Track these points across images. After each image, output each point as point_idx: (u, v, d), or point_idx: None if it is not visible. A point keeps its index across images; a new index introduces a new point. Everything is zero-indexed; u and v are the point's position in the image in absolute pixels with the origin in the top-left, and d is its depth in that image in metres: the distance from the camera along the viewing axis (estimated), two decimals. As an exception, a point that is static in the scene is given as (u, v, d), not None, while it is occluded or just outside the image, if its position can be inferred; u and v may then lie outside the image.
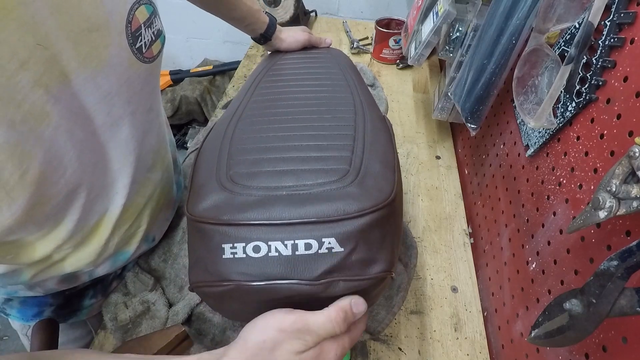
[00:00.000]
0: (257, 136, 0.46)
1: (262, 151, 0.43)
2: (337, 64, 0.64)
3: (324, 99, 0.53)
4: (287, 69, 0.64)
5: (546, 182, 0.51)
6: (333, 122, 0.47)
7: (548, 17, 0.45)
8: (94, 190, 0.44)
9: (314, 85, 0.57)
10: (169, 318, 0.56)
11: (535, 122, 0.45)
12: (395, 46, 1.12)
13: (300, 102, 0.52)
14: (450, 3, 0.71)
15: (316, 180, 0.39)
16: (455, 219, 0.76)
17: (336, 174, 0.39)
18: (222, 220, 0.36)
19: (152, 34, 0.44)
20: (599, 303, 0.29)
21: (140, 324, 0.55)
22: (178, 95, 1.73)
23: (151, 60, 0.45)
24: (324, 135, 0.45)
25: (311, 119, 0.48)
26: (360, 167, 0.40)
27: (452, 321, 0.62)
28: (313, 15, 1.35)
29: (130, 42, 0.41)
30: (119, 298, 0.58)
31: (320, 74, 0.60)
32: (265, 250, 0.35)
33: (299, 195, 0.37)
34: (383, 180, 0.39)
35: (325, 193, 0.37)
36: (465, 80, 0.67)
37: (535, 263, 0.51)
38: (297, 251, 0.35)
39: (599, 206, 0.32)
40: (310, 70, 0.62)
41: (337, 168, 0.40)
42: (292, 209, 0.36)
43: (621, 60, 0.40)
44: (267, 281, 0.35)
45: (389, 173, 0.41)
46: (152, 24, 0.44)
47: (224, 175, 0.40)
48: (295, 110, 0.50)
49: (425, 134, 0.94)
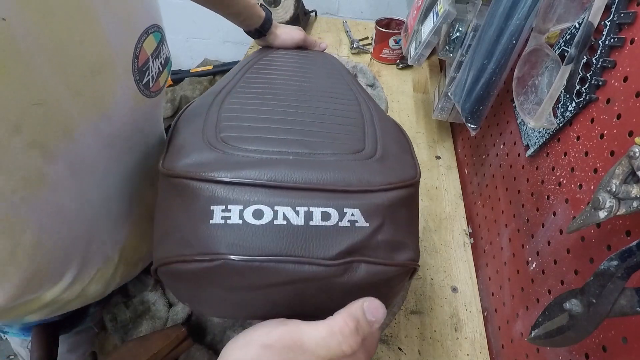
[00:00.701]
0: (252, 108, 0.38)
1: (260, 120, 0.36)
2: (332, 65, 0.61)
3: (323, 88, 0.47)
4: (281, 60, 0.58)
5: (546, 182, 0.51)
6: (338, 107, 0.41)
7: (548, 17, 0.45)
8: (97, 237, 0.40)
9: (311, 77, 0.50)
10: (169, 318, 0.56)
11: (535, 122, 0.45)
12: (395, 46, 1.12)
13: (297, 87, 0.46)
14: (450, 3, 0.71)
15: (329, 150, 0.32)
16: (455, 219, 0.76)
17: (351, 149, 0.33)
18: (211, 177, 0.28)
19: (160, 65, 0.39)
20: (599, 303, 0.29)
21: (140, 324, 0.55)
22: (178, 95, 1.73)
23: (157, 93, 0.40)
24: (330, 117, 0.39)
25: (312, 101, 0.41)
26: (376, 147, 0.34)
27: (452, 321, 0.62)
28: (313, 15, 1.35)
29: (137, 79, 0.36)
30: (119, 298, 0.58)
31: (316, 70, 0.55)
32: (270, 217, 0.27)
33: (311, 161, 0.30)
34: (403, 161, 0.35)
35: (343, 163, 0.31)
36: (465, 80, 0.67)
37: (535, 263, 0.51)
38: (311, 221, 0.27)
39: (599, 206, 0.32)
40: (306, 66, 0.56)
41: (352, 144, 0.34)
42: (303, 172, 0.29)
43: (621, 60, 0.40)
44: (268, 257, 0.27)
45: (408, 157, 0.36)
46: (160, 53, 0.39)
47: (213, 136, 0.33)
48: (294, 93, 0.43)
49: (425, 134, 0.94)
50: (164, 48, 0.40)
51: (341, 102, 0.43)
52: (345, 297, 0.28)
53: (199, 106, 0.39)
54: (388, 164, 0.33)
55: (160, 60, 0.39)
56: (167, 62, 0.41)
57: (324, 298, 0.28)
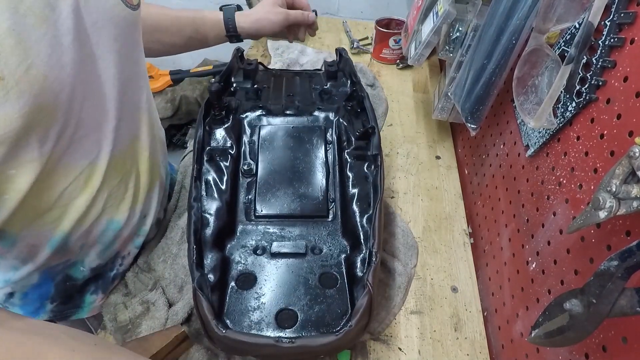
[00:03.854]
0: None
1: None
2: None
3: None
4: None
5: (546, 182, 0.51)
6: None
7: (548, 17, 0.45)
8: (89, 118, 0.46)
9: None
10: (168, 318, 0.56)
11: (535, 122, 0.45)
12: (395, 46, 1.12)
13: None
14: (450, 3, 0.71)
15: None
16: (455, 219, 0.76)
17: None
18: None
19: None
20: (599, 303, 0.29)
21: (140, 325, 0.55)
22: (178, 95, 1.73)
23: (134, 7, 0.49)
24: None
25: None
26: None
27: (452, 321, 0.62)
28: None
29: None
30: (119, 298, 0.58)
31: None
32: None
33: None
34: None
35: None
36: (465, 80, 0.67)
37: (535, 263, 0.51)
38: None
39: (599, 206, 0.32)
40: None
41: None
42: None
43: (621, 60, 0.40)
44: None
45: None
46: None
47: None
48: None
49: (425, 134, 0.94)
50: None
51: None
52: None
53: None
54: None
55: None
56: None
57: None
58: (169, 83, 1.76)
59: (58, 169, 0.45)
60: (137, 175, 0.58)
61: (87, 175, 0.49)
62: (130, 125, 0.54)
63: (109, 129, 0.50)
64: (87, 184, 0.50)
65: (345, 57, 0.81)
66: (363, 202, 0.60)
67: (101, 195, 0.52)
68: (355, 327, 0.45)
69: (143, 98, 0.57)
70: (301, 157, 0.67)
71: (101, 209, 0.53)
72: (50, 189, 0.46)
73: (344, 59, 0.81)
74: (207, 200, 0.58)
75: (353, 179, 0.63)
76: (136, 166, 0.57)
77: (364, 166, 0.64)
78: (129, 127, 0.54)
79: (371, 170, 0.63)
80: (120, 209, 0.56)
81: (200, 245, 0.54)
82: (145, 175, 0.59)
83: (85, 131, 0.46)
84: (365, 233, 0.57)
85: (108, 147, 0.50)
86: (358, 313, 0.46)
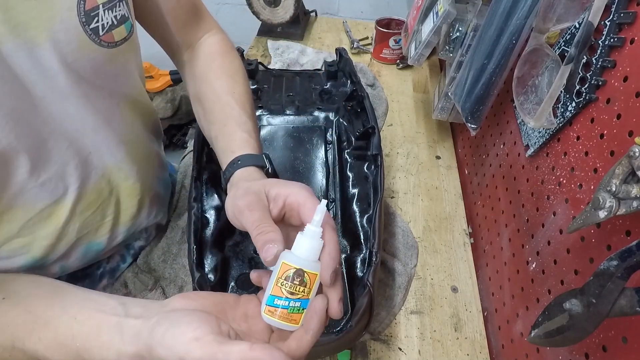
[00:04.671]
0: None
1: None
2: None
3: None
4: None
5: (546, 182, 0.51)
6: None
7: (548, 17, 0.45)
8: (39, 165, 0.43)
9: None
10: (168, 318, 0.56)
11: (535, 122, 0.45)
12: (395, 46, 1.12)
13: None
14: (450, 3, 0.71)
15: None
16: (455, 219, 0.76)
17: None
18: None
19: (114, 18, 0.43)
20: (599, 303, 0.29)
21: (140, 324, 0.55)
22: (178, 95, 1.73)
23: (111, 45, 0.44)
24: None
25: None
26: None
27: (452, 321, 0.62)
28: (313, 15, 1.35)
29: (82, 20, 0.40)
30: (119, 298, 0.58)
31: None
32: None
33: None
34: None
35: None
36: (465, 80, 0.67)
37: (535, 263, 0.51)
38: None
39: (599, 206, 0.32)
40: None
41: None
42: None
43: (621, 60, 0.40)
44: None
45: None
46: (114, 7, 0.43)
47: None
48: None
49: (425, 134, 0.94)
50: (120, 5, 0.44)
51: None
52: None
53: None
54: None
55: (115, 14, 0.43)
56: (125, 20, 0.45)
57: None
58: (169, 83, 1.77)
59: (15, 207, 0.43)
60: (117, 202, 0.54)
61: (49, 212, 0.46)
62: (105, 159, 0.50)
63: (73, 169, 0.46)
64: (50, 218, 0.47)
65: (345, 57, 0.81)
66: (363, 202, 0.60)
67: (71, 226, 0.49)
68: (356, 327, 0.45)
69: (124, 129, 0.51)
70: (301, 157, 0.67)
71: (75, 237, 0.50)
72: (10, 222, 0.44)
73: (344, 59, 0.81)
74: (207, 200, 0.58)
75: (353, 179, 0.63)
76: (116, 195, 0.53)
77: (364, 166, 0.64)
78: (103, 162, 0.50)
79: (371, 170, 0.63)
80: (100, 233, 0.54)
81: (200, 245, 0.54)
82: (129, 199, 0.56)
83: (47, 175, 0.44)
84: (365, 233, 0.57)
85: (74, 184, 0.47)
86: (358, 313, 0.46)
